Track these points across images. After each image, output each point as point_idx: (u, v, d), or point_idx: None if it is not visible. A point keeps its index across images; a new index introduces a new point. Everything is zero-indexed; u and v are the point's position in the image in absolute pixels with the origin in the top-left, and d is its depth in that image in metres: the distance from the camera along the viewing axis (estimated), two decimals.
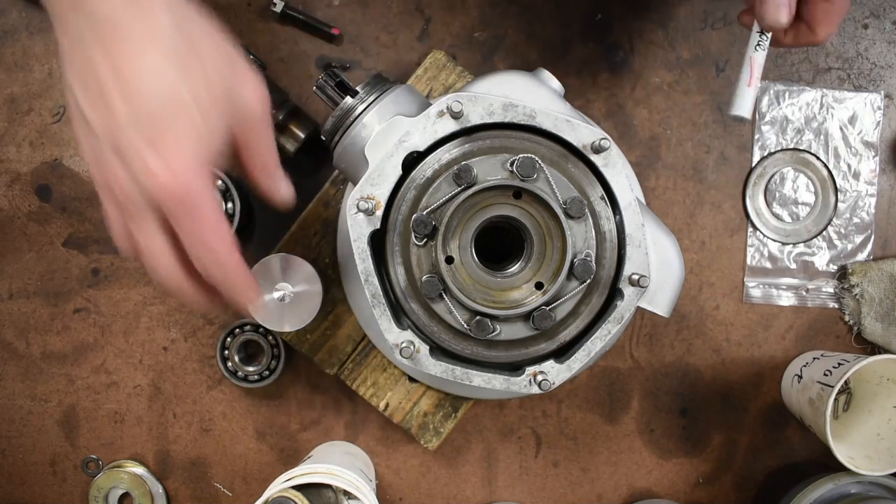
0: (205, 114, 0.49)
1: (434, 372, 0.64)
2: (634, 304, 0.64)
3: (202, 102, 0.49)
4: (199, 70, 0.49)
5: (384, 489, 0.88)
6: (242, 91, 0.52)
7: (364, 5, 0.85)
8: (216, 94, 0.50)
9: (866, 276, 0.85)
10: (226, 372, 0.85)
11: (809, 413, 0.79)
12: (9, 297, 0.87)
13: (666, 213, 0.86)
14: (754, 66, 0.64)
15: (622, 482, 0.88)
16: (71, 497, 0.89)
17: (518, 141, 0.64)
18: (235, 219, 0.82)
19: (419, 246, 0.64)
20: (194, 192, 0.48)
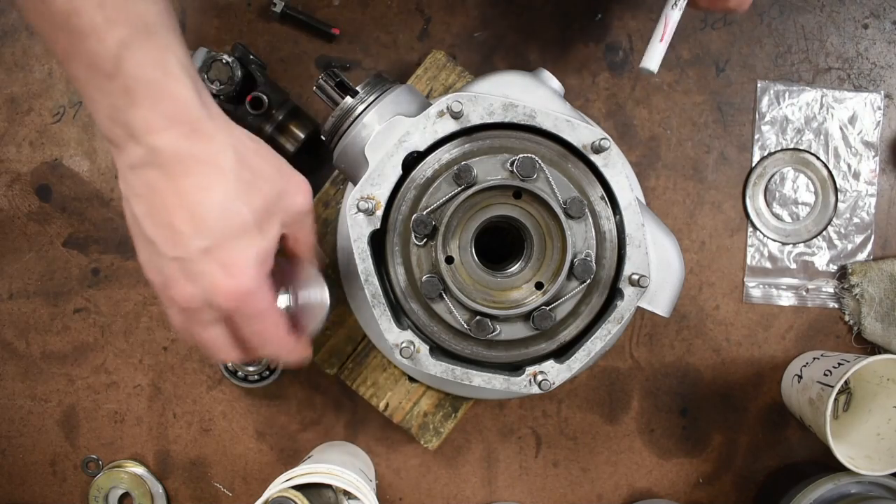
0: (263, 227, 0.56)
1: (434, 372, 0.64)
2: (634, 304, 0.64)
3: (261, 218, 0.56)
4: (258, 191, 0.56)
5: (384, 489, 0.88)
6: (293, 195, 0.59)
7: (364, 5, 0.85)
8: (271, 206, 0.57)
9: (866, 276, 0.85)
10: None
11: (809, 413, 0.79)
12: (9, 297, 0.87)
13: (666, 213, 0.86)
14: (668, 23, 0.68)
15: (622, 482, 0.88)
16: (71, 497, 0.89)
17: (518, 141, 0.64)
18: None
19: (419, 246, 0.64)
20: (256, 298, 0.56)
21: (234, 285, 0.55)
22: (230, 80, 0.78)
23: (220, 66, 0.78)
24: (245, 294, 0.55)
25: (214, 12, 0.85)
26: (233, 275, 0.55)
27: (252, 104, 0.79)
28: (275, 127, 0.80)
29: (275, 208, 0.57)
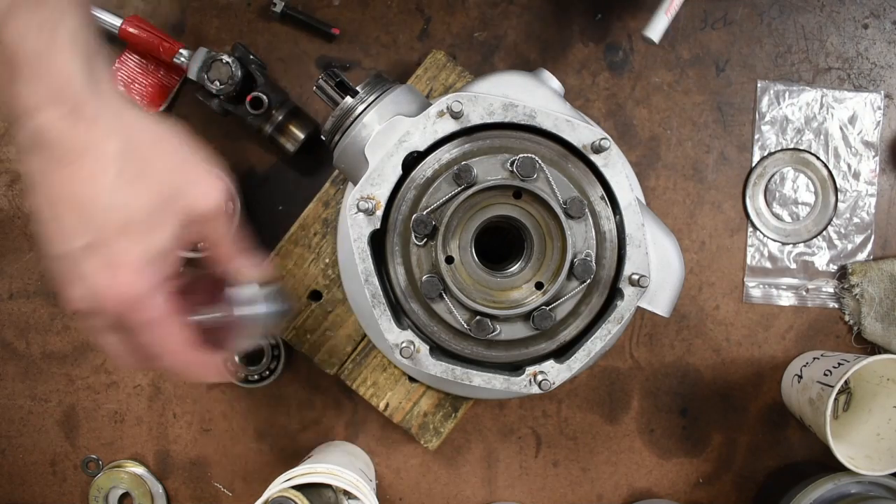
0: (152, 226, 0.51)
1: (434, 372, 0.64)
2: (634, 304, 0.64)
3: (150, 216, 0.51)
4: (148, 186, 0.51)
5: (384, 489, 0.88)
6: (195, 194, 0.53)
7: (364, 5, 0.85)
8: (164, 205, 0.52)
9: (866, 276, 0.85)
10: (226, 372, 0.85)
11: (809, 413, 0.79)
12: (9, 297, 0.87)
13: (666, 213, 0.86)
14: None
15: (622, 482, 0.88)
16: (71, 497, 0.89)
17: (518, 141, 0.64)
18: (236, 218, 0.82)
19: (419, 246, 0.64)
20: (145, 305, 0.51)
21: (118, 289, 0.50)
22: (230, 80, 0.78)
23: (220, 66, 0.78)
24: (131, 299, 0.50)
25: (214, 12, 0.85)
26: (117, 277, 0.50)
27: (252, 104, 0.79)
28: (275, 127, 0.80)
29: (168, 208, 0.52)
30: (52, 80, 0.47)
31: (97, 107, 0.49)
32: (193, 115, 0.85)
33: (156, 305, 0.52)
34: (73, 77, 0.48)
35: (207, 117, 0.85)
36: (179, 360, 0.54)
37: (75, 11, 0.49)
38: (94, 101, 0.49)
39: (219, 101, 0.80)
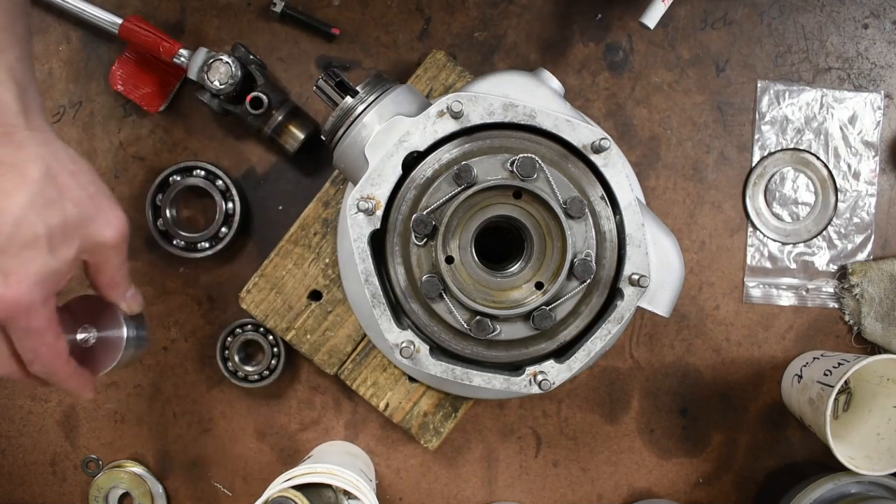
0: (54, 247, 0.55)
1: (434, 372, 0.64)
2: (634, 304, 0.65)
3: (54, 237, 0.55)
4: (59, 210, 0.55)
5: (384, 489, 0.88)
6: (99, 225, 0.58)
7: (364, 5, 0.85)
8: (70, 230, 0.56)
9: (866, 275, 0.85)
10: (226, 372, 0.85)
11: (809, 413, 0.79)
12: None
13: (666, 213, 0.86)
14: None
15: (622, 482, 0.88)
16: (71, 497, 0.89)
17: (518, 141, 0.64)
18: (235, 218, 0.82)
19: (419, 246, 0.64)
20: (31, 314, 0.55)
21: (9, 296, 0.54)
22: (230, 80, 0.78)
23: (220, 66, 0.78)
24: (17, 305, 0.54)
25: (214, 12, 0.85)
26: (8, 284, 0.54)
27: (252, 104, 0.79)
28: (275, 127, 0.80)
29: (74, 232, 0.57)
30: None
31: (26, 134, 0.55)
32: (193, 115, 0.85)
33: (41, 316, 0.56)
34: (7, 106, 0.54)
35: (207, 117, 0.85)
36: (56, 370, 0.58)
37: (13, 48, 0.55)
38: (24, 128, 0.55)
39: (219, 101, 0.80)
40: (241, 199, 0.83)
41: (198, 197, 0.85)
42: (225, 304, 0.86)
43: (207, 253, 0.83)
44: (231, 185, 0.82)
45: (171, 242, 0.83)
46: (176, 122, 0.86)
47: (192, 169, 0.83)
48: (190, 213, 0.86)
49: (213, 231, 0.83)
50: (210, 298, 0.86)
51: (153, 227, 0.83)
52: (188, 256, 0.83)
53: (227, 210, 0.82)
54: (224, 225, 0.83)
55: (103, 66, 0.85)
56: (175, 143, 0.85)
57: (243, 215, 0.83)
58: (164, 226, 0.83)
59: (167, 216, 0.83)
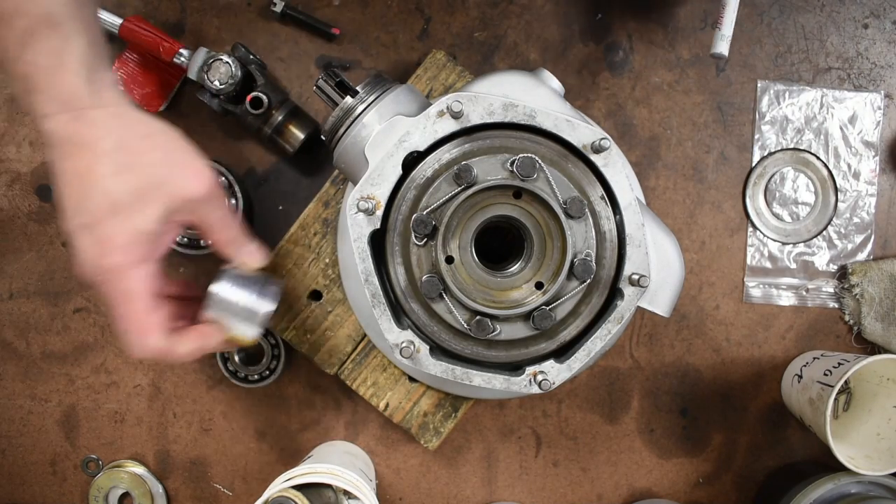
0: (137, 208, 0.59)
1: (434, 372, 0.64)
2: (634, 304, 0.64)
3: (136, 201, 0.59)
4: (135, 174, 0.59)
5: (384, 489, 0.88)
6: (181, 181, 0.61)
7: (364, 5, 0.85)
8: (151, 191, 0.60)
9: (866, 275, 0.85)
10: (226, 372, 0.85)
11: (809, 413, 0.79)
12: (9, 297, 0.87)
13: (666, 213, 0.86)
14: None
15: (622, 482, 0.88)
16: (71, 497, 0.89)
17: (518, 141, 0.64)
18: (238, 215, 0.82)
19: (419, 246, 0.64)
20: (118, 274, 0.59)
21: (104, 261, 0.58)
22: (230, 80, 0.78)
23: (220, 66, 0.78)
24: (113, 270, 0.58)
25: (214, 12, 0.85)
26: (104, 251, 0.58)
27: (252, 104, 0.79)
28: (275, 127, 0.80)
29: (155, 193, 0.60)
30: (60, 93, 0.57)
31: (99, 113, 0.59)
32: (193, 114, 0.85)
33: (137, 278, 0.59)
34: (77, 89, 0.58)
35: (207, 117, 0.85)
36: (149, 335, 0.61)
37: (82, 35, 0.58)
38: (94, 107, 0.58)
39: (219, 101, 0.80)
40: (244, 196, 0.83)
41: None
42: None
43: (210, 250, 0.82)
44: (234, 182, 0.82)
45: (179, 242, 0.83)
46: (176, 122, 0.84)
47: None
48: None
49: None
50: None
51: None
52: (191, 254, 0.83)
53: (229, 207, 0.82)
54: None
55: None
56: None
57: (246, 212, 0.83)
58: None
59: None
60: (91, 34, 0.59)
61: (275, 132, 0.81)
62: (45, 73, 0.57)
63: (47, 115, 0.58)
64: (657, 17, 0.86)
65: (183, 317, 0.67)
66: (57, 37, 0.57)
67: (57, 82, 0.57)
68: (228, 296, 0.66)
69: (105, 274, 0.59)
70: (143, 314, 0.60)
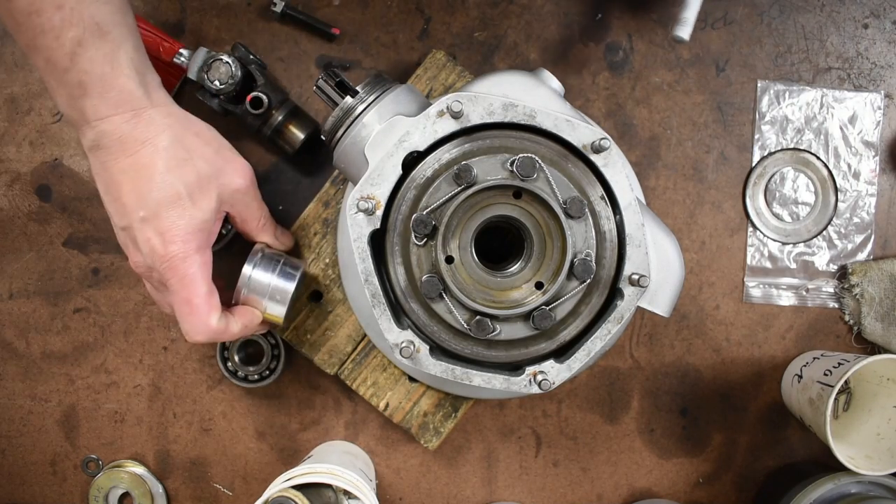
0: (196, 200, 0.64)
1: (434, 372, 0.64)
2: (634, 304, 0.64)
3: (194, 192, 0.64)
4: (192, 168, 0.64)
5: (384, 489, 0.88)
6: (229, 174, 0.67)
7: (364, 5, 0.85)
8: (206, 183, 0.65)
9: (866, 275, 0.85)
10: (226, 372, 0.85)
11: (809, 413, 0.79)
12: (9, 297, 0.87)
13: (666, 213, 0.86)
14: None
15: (622, 482, 0.88)
16: (71, 497, 0.89)
17: (518, 141, 0.64)
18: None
19: (419, 246, 0.64)
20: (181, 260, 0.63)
21: (167, 250, 0.63)
22: (230, 80, 0.78)
23: (220, 66, 0.78)
24: (175, 258, 0.63)
25: (214, 12, 0.85)
26: (166, 241, 0.63)
27: (252, 104, 0.79)
28: (275, 127, 0.80)
29: (209, 184, 0.65)
30: (116, 95, 0.61)
31: (153, 112, 0.63)
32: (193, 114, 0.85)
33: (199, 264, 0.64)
34: (132, 91, 0.62)
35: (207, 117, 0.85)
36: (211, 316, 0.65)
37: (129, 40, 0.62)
38: (150, 108, 0.63)
39: (219, 101, 0.80)
40: None
41: None
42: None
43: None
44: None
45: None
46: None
47: None
48: None
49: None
50: None
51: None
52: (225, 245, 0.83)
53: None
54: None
55: None
56: None
57: None
58: None
59: None
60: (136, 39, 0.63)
61: (275, 132, 0.81)
62: (100, 79, 0.60)
63: (104, 118, 0.61)
64: (657, 17, 0.86)
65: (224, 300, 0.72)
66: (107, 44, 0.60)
67: (113, 86, 0.60)
68: (260, 276, 0.72)
69: (168, 261, 0.63)
70: (205, 297, 0.65)
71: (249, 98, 0.78)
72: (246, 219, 0.71)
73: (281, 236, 0.76)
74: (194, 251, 0.64)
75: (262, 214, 0.72)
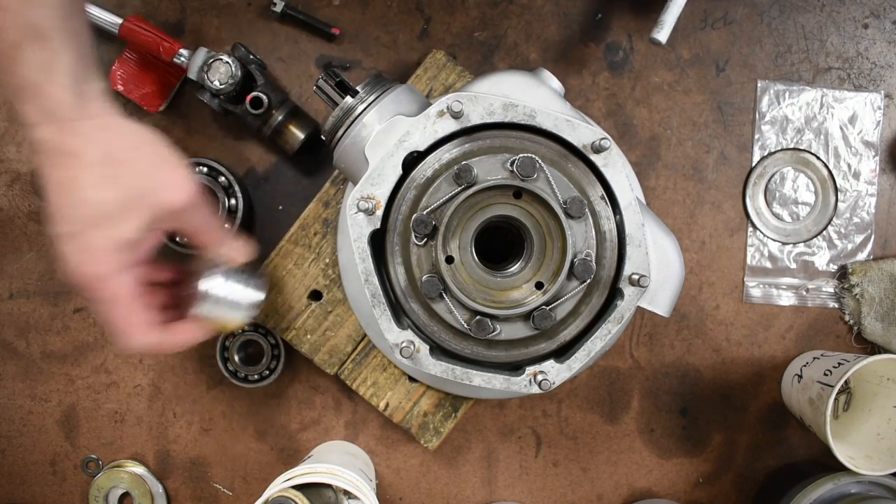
0: (122, 218, 0.61)
1: (434, 372, 0.64)
2: (634, 304, 0.64)
3: (121, 210, 0.61)
4: (121, 186, 0.61)
5: (384, 489, 0.88)
6: (165, 192, 0.63)
7: (364, 5, 0.85)
8: (135, 201, 0.61)
9: (866, 275, 0.85)
10: (226, 372, 0.85)
11: (809, 413, 0.79)
12: (9, 297, 0.87)
13: (666, 212, 0.86)
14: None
15: (622, 482, 0.88)
16: (71, 497, 0.89)
17: (518, 141, 0.64)
18: (238, 215, 0.82)
19: (419, 246, 0.64)
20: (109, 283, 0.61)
21: (88, 269, 0.60)
22: (230, 80, 0.78)
23: (220, 66, 0.78)
24: (97, 278, 0.60)
25: (214, 12, 0.85)
26: (86, 260, 0.60)
27: (252, 104, 0.79)
28: (275, 127, 0.80)
29: (140, 203, 0.61)
30: (47, 104, 0.58)
31: (86, 125, 0.60)
32: (193, 114, 0.85)
33: (121, 284, 0.61)
34: (62, 101, 0.59)
35: (207, 117, 0.85)
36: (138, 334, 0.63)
37: (69, 47, 0.59)
38: (80, 119, 0.60)
39: (219, 101, 0.80)
40: (244, 196, 0.83)
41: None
42: None
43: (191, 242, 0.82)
44: (234, 182, 0.82)
45: (174, 240, 0.83)
46: (176, 122, 0.86)
47: (194, 166, 0.83)
48: None
49: None
50: None
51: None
52: (191, 253, 0.83)
53: (229, 206, 0.82)
54: (227, 221, 0.83)
55: (103, 66, 0.84)
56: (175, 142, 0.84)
57: (246, 211, 0.83)
58: None
59: None
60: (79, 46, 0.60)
61: (275, 132, 0.81)
62: (34, 86, 0.58)
63: (36, 125, 0.59)
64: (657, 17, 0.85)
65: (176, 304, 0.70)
66: (44, 50, 0.58)
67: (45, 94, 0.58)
68: (217, 292, 0.69)
69: (89, 281, 0.61)
70: (127, 317, 0.62)
71: (249, 98, 0.78)
72: (194, 235, 0.67)
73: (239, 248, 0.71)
74: (117, 271, 0.61)
75: (211, 229, 0.68)
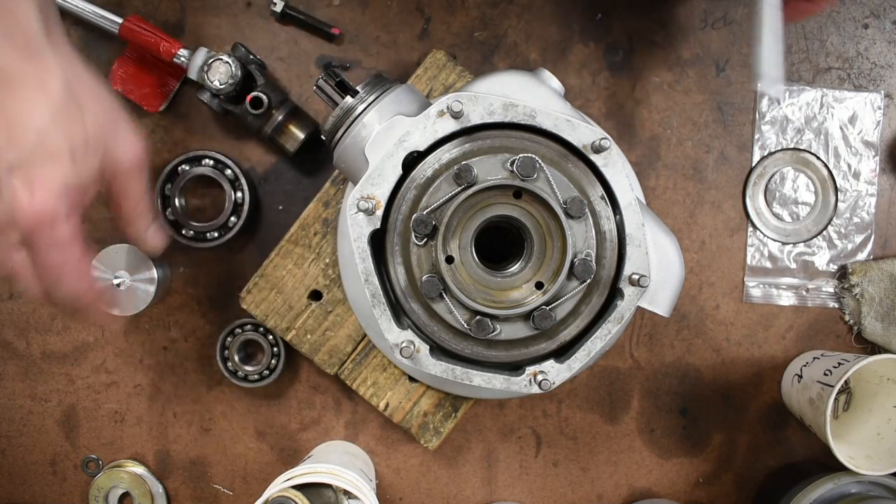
0: (77, 159, 0.56)
1: (434, 372, 0.64)
2: (634, 304, 0.64)
3: (77, 150, 0.56)
4: (79, 123, 0.57)
5: (384, 489, 0.88)
6: (119, 146, 0.60)
7: (364, 5, 0.85)
8: (91, 144, 0.57)
9: (866, 275, 0.85)
10: (226, 372, 0.85)
11: (809, 413, 0.79)
12: (9, 297, 0.87)
13: (666, 212, 0.86)
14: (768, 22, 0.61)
15: (622, 482, 0.88)
16: (71, 497, 0.89)
17: (518, 141, 0.64)
18: (244, 208, 0.82)
19: (419, 246, 0.64)
20: (57, 225, 0.56)
21: (34, 204, 0.55)
22: (230, 80, 0.78)
23: (220, 66, 0.78)
24: (44, 216, 0.55)
25: (214, 12, 0.85)
26: (35, 194, 0.55)
27: (252, 104, 0.79)
28: (275, 127, 0.80)
29: (95, 147, 0.58)
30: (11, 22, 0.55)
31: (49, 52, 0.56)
32: (193, 114, 0.85)
33: (66, 228, 0.56)
34: (30, 24, 0.55)
35: (207, 117, 0.85)
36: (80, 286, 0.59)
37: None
38: (47, 47, 0.56)
39: (219, 101, 0.80)
40: (251, 189, 0.83)
41: (206, 187, 0.85)
42: (225, 304, 0.86)
43: (217, 242, 0.82)
44: (240, 175, 0.82)
45: (180, 232, 0.83)
46: (176, 122, 0.86)
47: (200, 158, 0.82)
48: (198, 204, 0.86)
49: (222, 220, 0.82)
50: (210, 298, 0.86)
51: (162, 217, 0.82)
52: (197, 246, 0.83)
53: (236, 199, 0.82)
54: (233, 214, 0.83)
55: (103, 65, 0.84)
56: (175, 142, 0.85)
57: (252, 205, 0.83)
58: (173, 215, 0.82)
59: (176, 205, 0.82)
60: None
61: (275, 132, 0.81)
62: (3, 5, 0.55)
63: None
64: (657, 16, 0.86)
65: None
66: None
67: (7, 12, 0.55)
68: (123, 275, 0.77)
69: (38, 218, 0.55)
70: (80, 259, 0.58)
71: (249, 98, 0.78)
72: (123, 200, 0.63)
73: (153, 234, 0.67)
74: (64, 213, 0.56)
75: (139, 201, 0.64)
